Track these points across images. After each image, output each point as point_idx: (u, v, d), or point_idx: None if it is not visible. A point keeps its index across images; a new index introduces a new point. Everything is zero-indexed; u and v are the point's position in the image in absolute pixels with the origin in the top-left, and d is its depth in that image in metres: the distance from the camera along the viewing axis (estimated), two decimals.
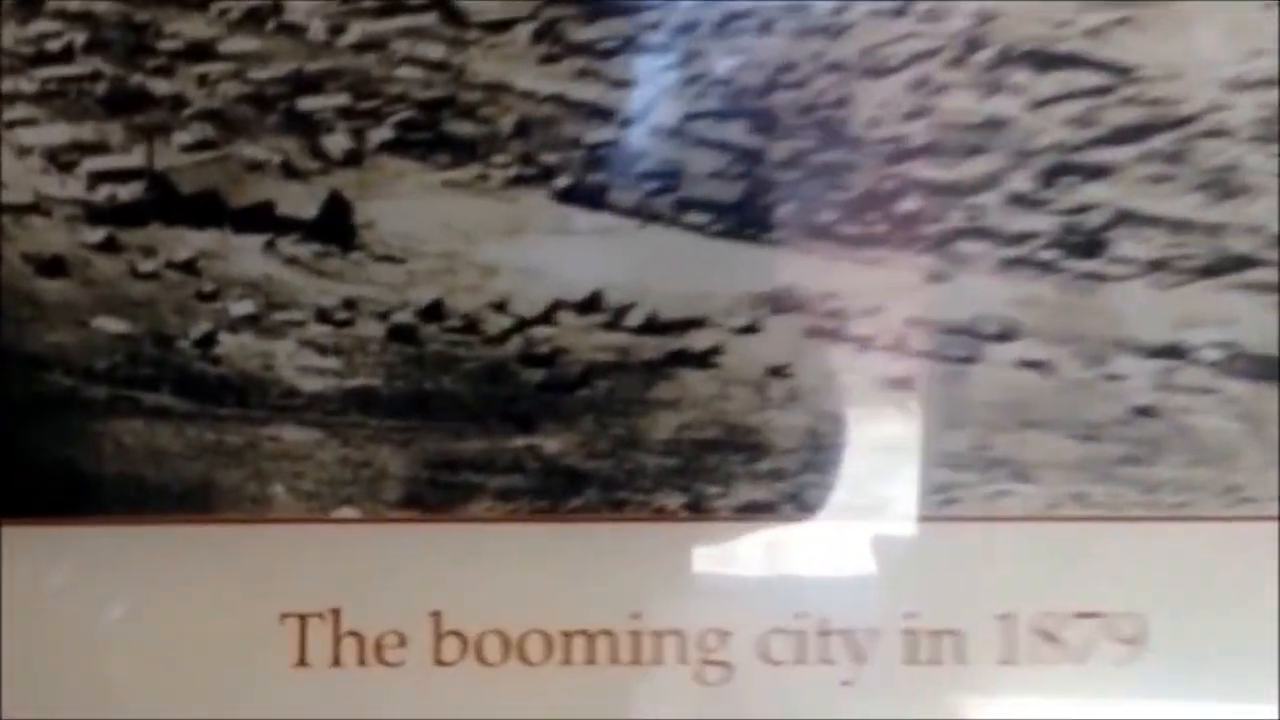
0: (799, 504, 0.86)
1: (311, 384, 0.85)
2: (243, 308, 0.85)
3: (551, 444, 0.86)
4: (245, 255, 0.85)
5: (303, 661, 0.85)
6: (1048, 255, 0.86)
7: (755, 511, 0.86)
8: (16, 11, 0.82)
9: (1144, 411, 0.87)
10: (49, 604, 0.85)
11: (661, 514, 0.86)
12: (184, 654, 0.85)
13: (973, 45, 0.85)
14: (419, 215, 0.85)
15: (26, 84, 0.84)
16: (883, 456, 0.87)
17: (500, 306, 0.85)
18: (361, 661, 0.85)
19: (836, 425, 0.86)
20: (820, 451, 0.86)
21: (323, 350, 0.85)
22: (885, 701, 0.87)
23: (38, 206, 0.84)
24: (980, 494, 0.87)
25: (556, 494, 0.86)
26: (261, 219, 0.85)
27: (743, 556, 0.87)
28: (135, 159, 0.84)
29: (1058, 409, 0.87)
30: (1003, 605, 0.87)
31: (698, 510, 0.86)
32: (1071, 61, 0.85)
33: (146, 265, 0.85)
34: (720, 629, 0.86)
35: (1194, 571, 0.87)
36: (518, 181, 0.85)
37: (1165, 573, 0.88)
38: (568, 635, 0.86)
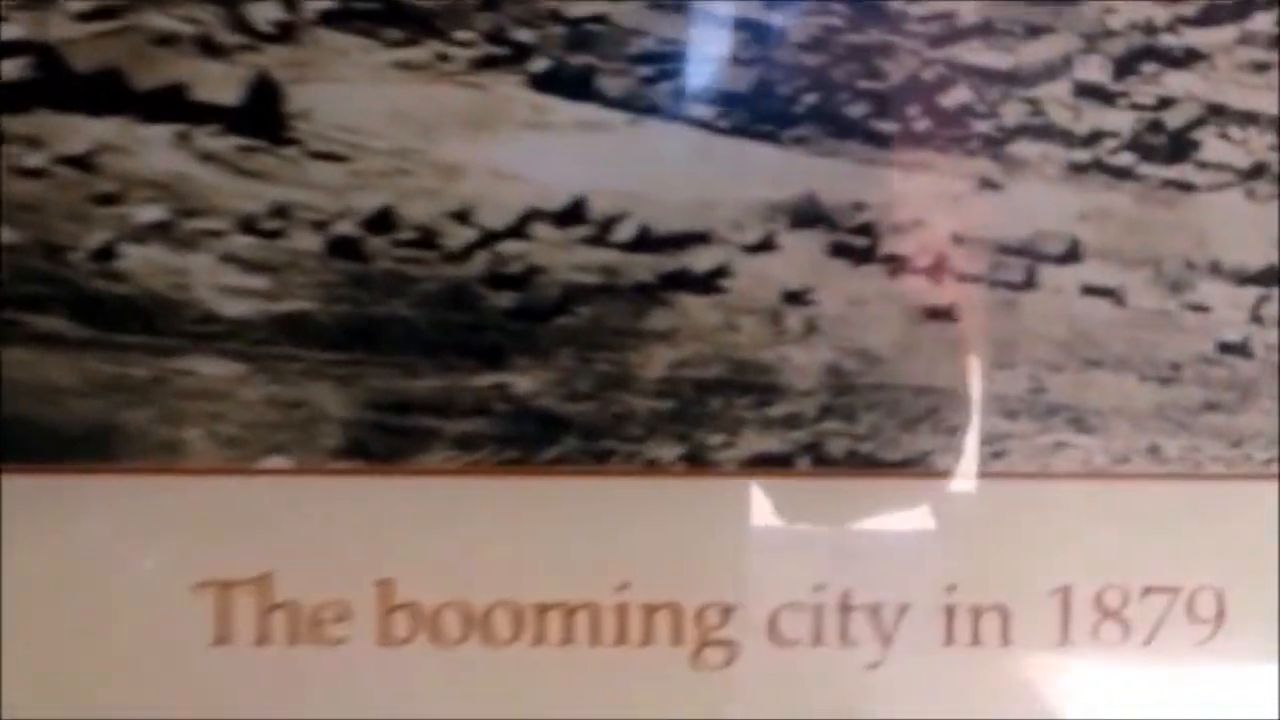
0: (818, 457, 0.79)
1: (234, 307, 0.77)
2: (150, 213, 0.76)
3: (523, 382, 0.78)
4: (153, 149, 0.76)
5: (224, 638, 0.78)
6: (1122, 159, 0.79)
7: (766, 465, 0.79)
8: None
9: (1233, 349, 0.81)
10: None
11: (654, 467, 0.79)
12: (81, 628, 0.77)
13: None
14: (365, 103, 0.76)
15: None
16: (919, 401, 0.79)
17: (463, 216, 0.77)
18: (295, 638, 0.78)
19: (864, 363, 0.79)
20: (844, 394, 0.79)
21: (248, 266, 0.77)
22: (917, 690, 0.80)
23: None
24: (1034, 446, 0.80)
25: (529, 442, 0.78)
26: (173, 105, 0.76)
27: (751, 518, 0.80)
28: (19, 29, 0.75)
29: (1129, 345, 0.80)
30: (1058, 578, 0.80)
31: (697, 463, 0.79)
32: None
33: (33, 160, 0.75)
34: (723, 603, 0.79)
35: None
36: (485, 64, 0.76)
37: (1250, 541, 0.81)
38: (541, 609, 0.79)
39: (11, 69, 0.74)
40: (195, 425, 0.76)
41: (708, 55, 0.76)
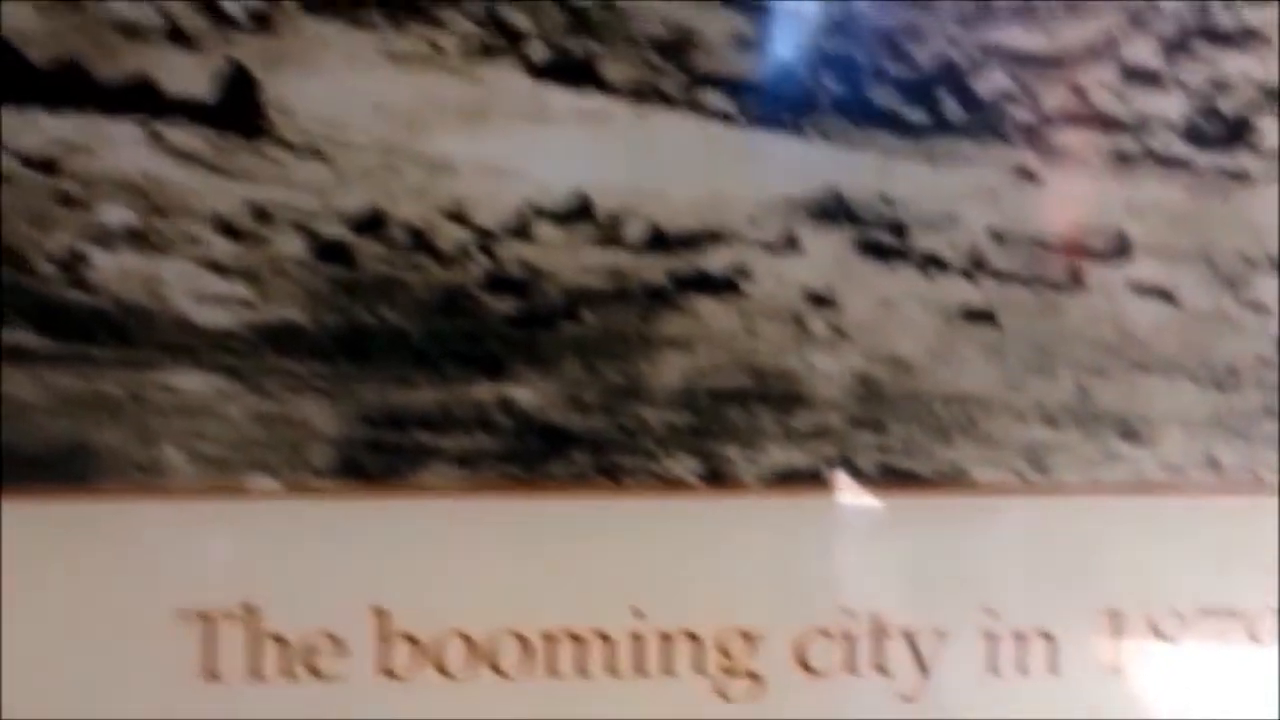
0: (847, 471, 0.69)
1: (213, 317, 0.66)
2: (120, 216, 0.65)
3: (527, 394, 0.68)
4: (121, 147, 0.65)
5: (211, 672, 0.66)
6: (1173, 148, 0.69)
7: (791, 481, 0.69)
8: None
9: None
10: None
11: (670, 484, 0.69)
12: (55, 664, 0.66)
13: None
14: (349, 95, 0.66)
15: None
16: (955, 410, 0.69)
17: (458, 216, 0.67)
18: (287, 672, 0.67)
19: (895, 370, 0.69)
20: (874, 404, 0.69)
21: (227, 272, 0.66)
22: None
23: None
24: (1081, 457, 0.70)
25: (534, 458, 0.68)
26: (142, 99, 0.65)
27: (775, 538, 0.69)
28: None
29: (1182, 347, 0.70)
30: (1108, 599, 0.70)
31: (717, 479, 0.69)
32: None
33: None
34: (747, 630, 0.68)
35: None
36: (479, 51, 0.66)
37: None
38: (550, 639, 0.68)
39: None
40: (175, 444, 0.65)
41: (719, 38, 0.67)
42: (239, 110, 0.66)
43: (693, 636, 0.68)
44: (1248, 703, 0.70)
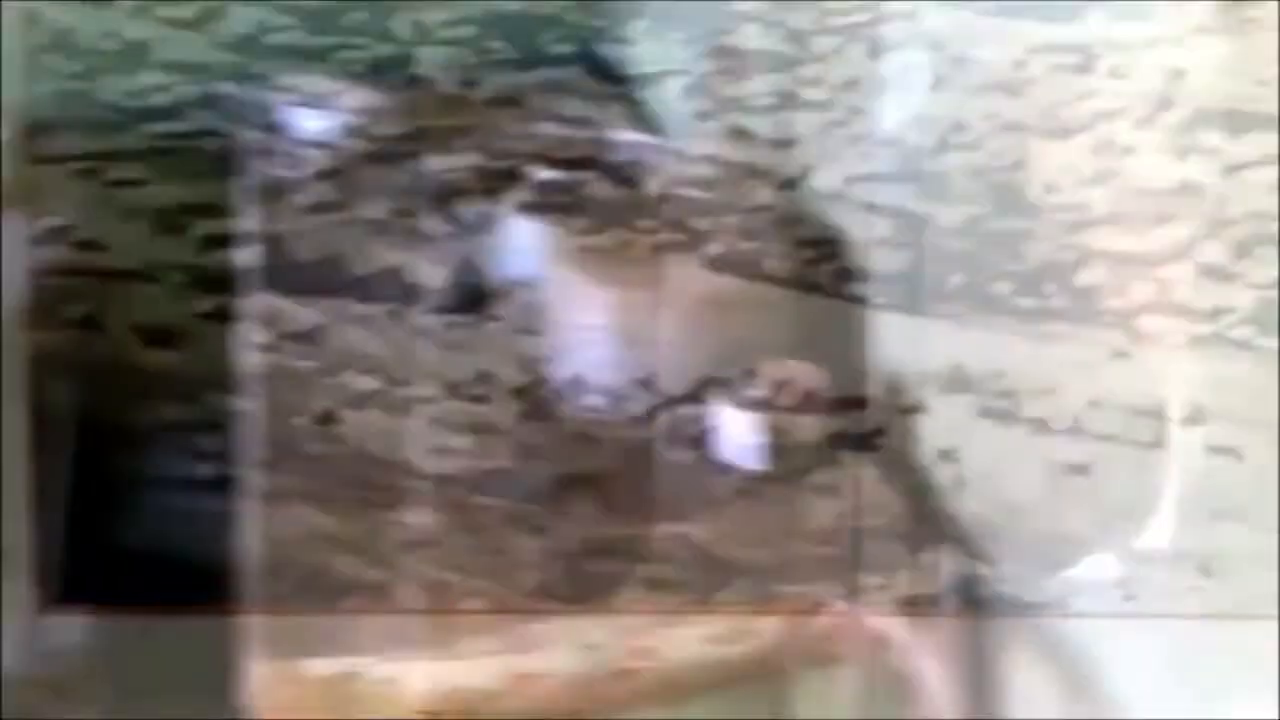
0: (966, 598, 0.70)
1: (438, 465, 0.68)
2: (366, 383, 0.68)
3: (701, 531, 0.69)
4: (369, 326, 0.68)
5: None
6: (1241, 332, 0.68)
7: (917, 604, 0.70)
8: (123, 62, 0.69)
9: None
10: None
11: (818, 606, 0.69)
12: None
13: (1162, 104, 0.67)
14: (557, 284, 0.68)
15: (132, 140, 0.69)
16: (1058, 548, 0.69)
17: (646, 383, 0.68)
18: None
19: (1008, 514, 0.70)
20: (990, 542, 0.70)
21: (454, 428, 0.68)
22: None
23: (144, 273, 0.70)
24: (1164, 590, 0.69)
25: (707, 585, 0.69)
26: (387, 286, 0.68)
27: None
28: (251, 221, 0.67)
29: (1250, 498, 0.68)
30: (1187, 712, 0.68)
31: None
32: (1270, 123, 0.66)
33: (263, 337, 0.67)
34: None
35: None
36: (666, 247, 0.68)
37: None
38: None
39: (246, 256, 0.66)
40: (405, 570, 0.67)
41: (865, 239, 0.68)
42: (469, 296, 0.68)
43: None
44: None
